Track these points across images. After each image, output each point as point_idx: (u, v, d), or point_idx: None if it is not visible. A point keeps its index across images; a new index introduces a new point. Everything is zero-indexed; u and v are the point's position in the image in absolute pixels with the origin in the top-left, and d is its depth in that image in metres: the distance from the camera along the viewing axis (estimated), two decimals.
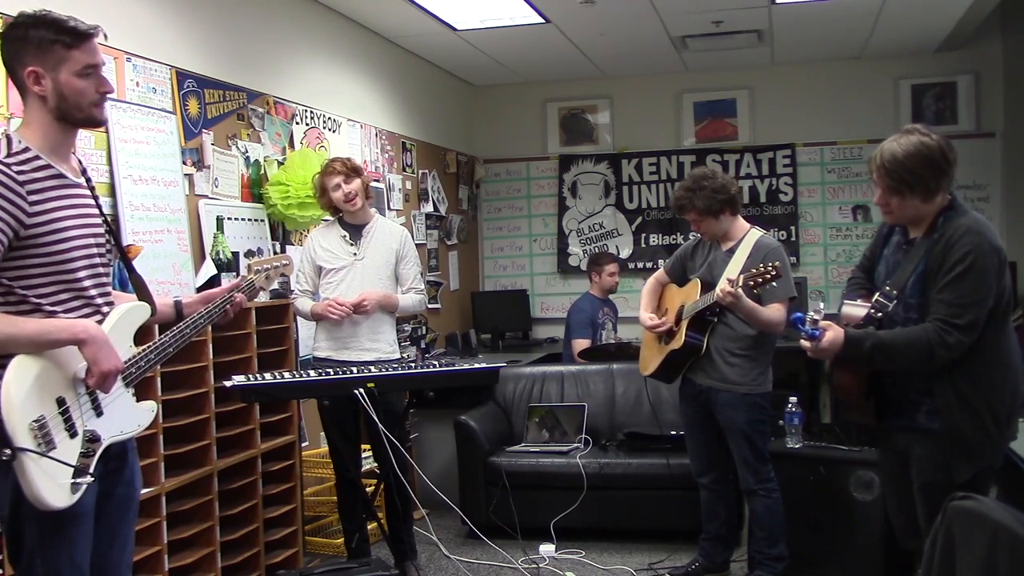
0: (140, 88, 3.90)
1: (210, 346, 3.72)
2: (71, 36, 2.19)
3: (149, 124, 3.92)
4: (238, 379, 3.57)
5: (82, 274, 2.25)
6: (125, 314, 2.34)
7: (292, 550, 4.27)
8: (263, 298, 4.34)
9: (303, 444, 4.62)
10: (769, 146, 7.48)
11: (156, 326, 2.59)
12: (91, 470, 2.17)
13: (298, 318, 4.48)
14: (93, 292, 2.28)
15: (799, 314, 2.82)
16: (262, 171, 4.72)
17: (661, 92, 7.66)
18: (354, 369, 3.89)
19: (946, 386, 2.71)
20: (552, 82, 7.77)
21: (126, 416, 2.32)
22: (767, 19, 6.11)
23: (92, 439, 2.19)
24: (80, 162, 2.36)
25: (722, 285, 3.67)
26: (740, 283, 3.61)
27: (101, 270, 2.33)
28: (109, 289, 2.37)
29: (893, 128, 7.34)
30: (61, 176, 2.22)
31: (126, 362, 2.28)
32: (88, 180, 2.35)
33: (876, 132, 7.19)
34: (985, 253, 2.65)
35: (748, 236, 3.94)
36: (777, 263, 3.61)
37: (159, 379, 3.41)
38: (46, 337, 2.13)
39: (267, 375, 3.69)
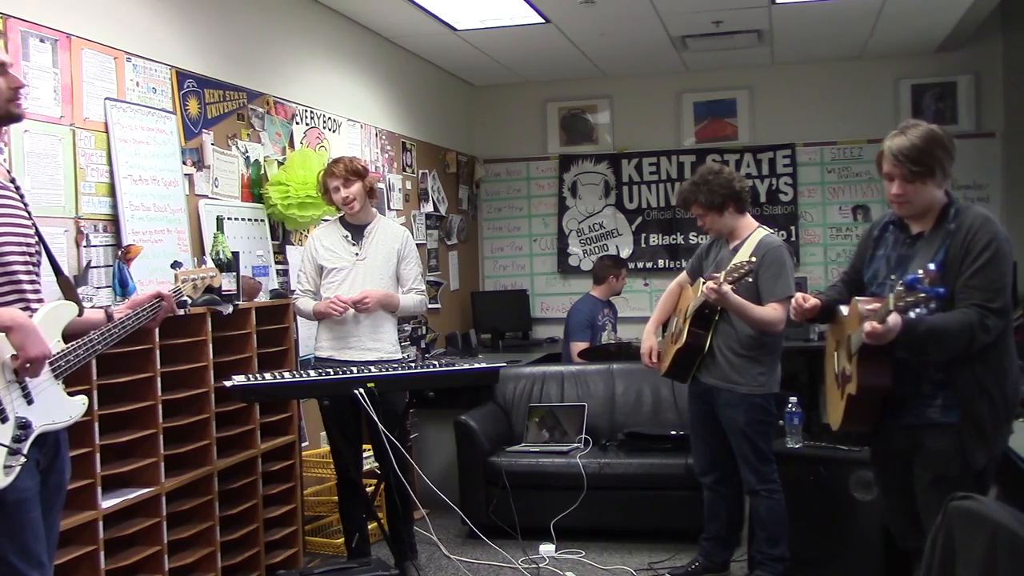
0: (140, 88, 3.90)
1: (210, 346, 3.72)
2: None
3: (149, 124, 3.92)
4: (238, 379, 3.57)
5: (16, 267, 2.32)
6: (52, 310, 2.39)
7: (292, 550, 4.27)
8: (263, 298, 4.35)
9: (303, 444, 4.62)
10: (769, 146, 7.48)
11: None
12: (24, 452, 2.21)
13: (298, 318, 4.48)
14: (27, 287, 2.35)
15: (913, 276, 2.55)
16: (262, 171, 4.72)
17: (661, 92, 7.66)
18: (354, 369, 3.89)
19: (967, 374, 2.74)
20: (552, 82, 7.77)
21: (57, 407, 2.37)
22: (767, 19, 6.11)
23: (23, 425, 2.23)
24: (9, 172, 2.44)
25: (708, 283, 3.70)
26: (722, 279, 3.64)
27: (32, 268, 2.40)
28: (40, 287, 2.43)
29: (893, 128, 7.32)
30: None
31: (55, 356, 2.33)
32: (18, 188, 2.42)
33: (876, 132, 7.17)
34: (1004, 241, 2.74)
35: (753, 235, 3.95)
36: (753, 257, 3.64)
37: (159, 379, 3.42)
38: None
39: (267, 375, 3.70)
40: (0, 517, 2.19)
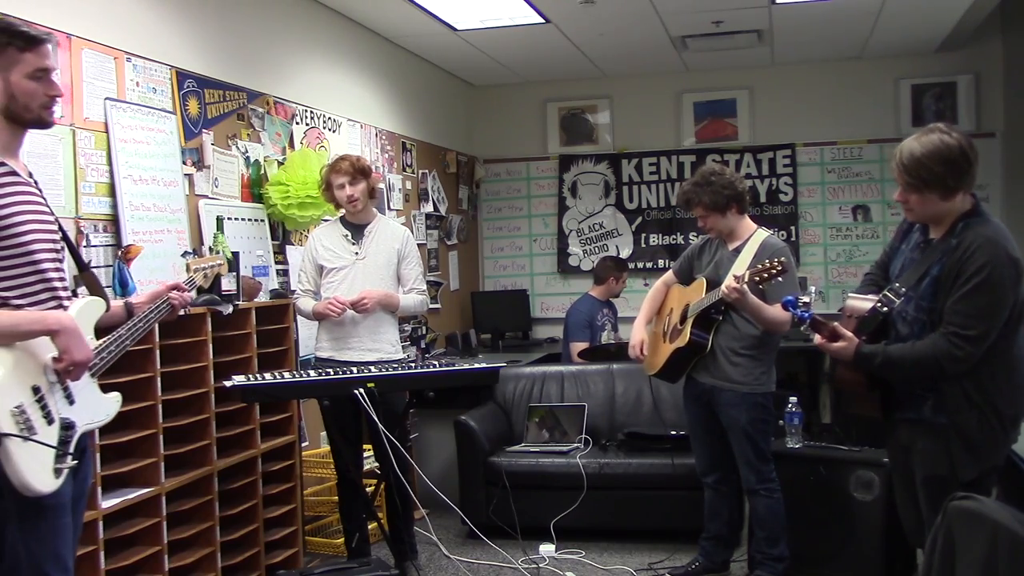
0: (140, 88, 3.90)
1: (210, 346, 3.72)
2: (24, 40, 2.27)
3: (149, 124, 3.92)
4: (238, 379, 3.57)
5: (46, 265, 2.30)
6: (84, 307, 2.40)
7: (292, 550, 4.27)
8: (263, 298, 4.35)
9: (303, 444, 4.62)
10: (769, 146, 7.48)
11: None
12: (71, 453, 2.22)
13: (298, 318, 4.48)
14: (56, 284, 2.34)
15: (791, 297, 2.98)
16: (262, 171, 4.72)
17: (661, 92, 7.66)
18: (354, 369, 3.89)
19: (954, 387, 2.74)
20: (552, 82, 7.77)
21: (95, 405, 2.39)
22: (767, 19, 6.11)
23: (67, 426, 2.24)
24: (26, 167, 2.42)
25: (728, 282, 3.68)
26: (746, 279, 3.62)
27: (59, 264, 2.39)
28: (67, 282, 2.42)
29: (893, 128, 7.33)
30: (14, 173, 2.29)
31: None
32: (36, 183, 2.41)
33: (876, 132, 7.22)
34: (1002, 264, 2.66)
35: (755, 236, 3.94)
36: (783, 258, 3.63)
37: (159, 379, 3.42)
38: (20, 329, 2.19)
39: (267, 375, 3.69)
40: (37, 521, 2.17)
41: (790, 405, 4.26)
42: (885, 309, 2.82)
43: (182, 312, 2.75)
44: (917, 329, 2.79)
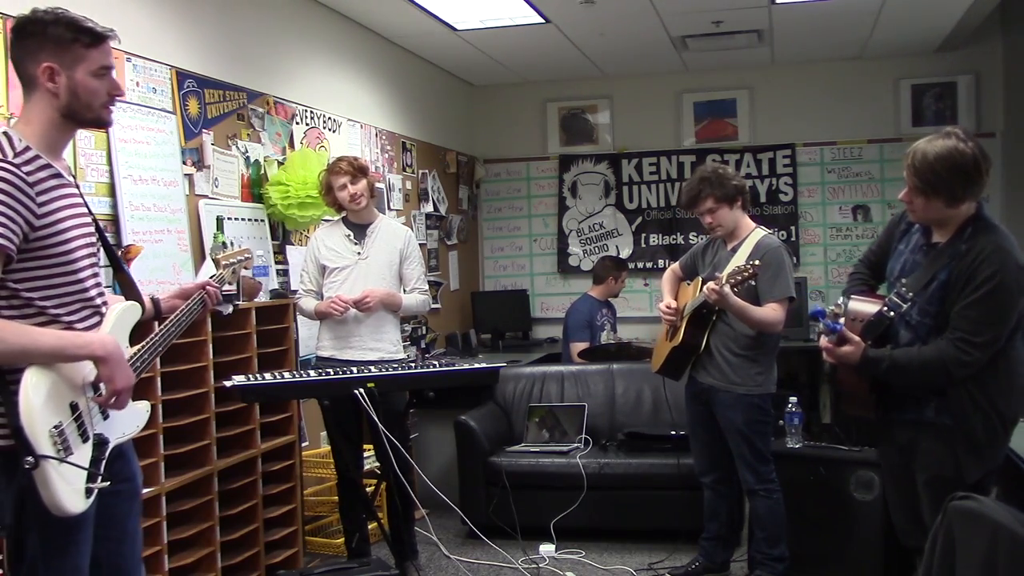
0: (140, 88, 3.90)
1: (210, 346, 3.72)
2: (90, 36, 2.19)
3: (149, 124, 3.92)
4: (238, 379, 3.56)
5: (84, 274, 2.24)
6: (120, 315, 2.34)
7: (292, 550, 4.27)
8: (263, 298, 4.35)
9: (303, 444, 4.62)
10: (769, 146, 7.48)
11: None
12: (101, 473, 2.18)
13: (299, 318, 4.48)
14: (93, 293, 2.28)
15: (820, 308, 2.91)
16: (262, 171, 4.72)
17: (661, 92, 7.66)
18: (354, 369, 3.89)
19: (959, 390, 2.74)
20: (552, 82, 7.77)
21: (127, 418, 2.33)
22: (767, 19, 6.11)
23: (101, 443, 2.20)
24: (67, 165, 2.34)
25: (710, 284, 3.71)
26: (724, 282, 3.64)
27: (97, 270, 2.33)
28: (103, 288, 2.37)
29: (893, 128, 7.31)
30: (59, 175, 2.20)
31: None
32: (75, 181, 2.34)
33: (876, 132, 7.22)
34: (1011, 271, 2.67)
35: (752, 235, 3.95)
36: (756, 261, 3.64)
37: (159, 379, 3.42)
38: (63, 353, 2.13)
39: (267, 375, 3.69)
40: (59, 535, 2.14)
41: (790, 405, 4.26)
42: (892, 314, 2.82)
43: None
44: (922, 333, 2.79)
